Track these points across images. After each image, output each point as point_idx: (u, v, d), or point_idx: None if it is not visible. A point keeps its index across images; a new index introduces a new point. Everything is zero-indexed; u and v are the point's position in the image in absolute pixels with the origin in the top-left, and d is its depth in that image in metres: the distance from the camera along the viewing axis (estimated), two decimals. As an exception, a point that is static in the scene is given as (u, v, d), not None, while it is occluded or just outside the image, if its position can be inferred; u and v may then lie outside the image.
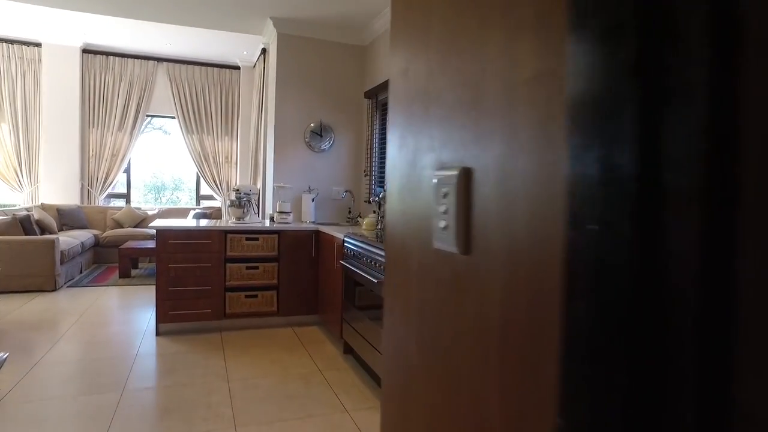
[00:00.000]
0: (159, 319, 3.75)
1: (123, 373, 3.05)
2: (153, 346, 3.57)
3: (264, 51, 7.35)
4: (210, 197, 8.64)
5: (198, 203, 8.77)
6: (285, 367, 3.26)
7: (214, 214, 7.71)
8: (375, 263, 2.84)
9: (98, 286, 5.47)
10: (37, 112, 7.48)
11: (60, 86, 7.49)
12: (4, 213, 5.65)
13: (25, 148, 7.43)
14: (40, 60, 7.46)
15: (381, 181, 4.60)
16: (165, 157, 12.32)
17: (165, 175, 12.94)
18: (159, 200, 12.66)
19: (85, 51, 7.66)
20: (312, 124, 4.69)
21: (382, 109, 4.63)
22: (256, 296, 3.99)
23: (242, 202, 4.09)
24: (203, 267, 3.80)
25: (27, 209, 6.39)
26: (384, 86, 4.37)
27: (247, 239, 3.92)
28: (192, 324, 3.91)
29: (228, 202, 4.36)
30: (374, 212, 4.11)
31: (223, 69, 8.33)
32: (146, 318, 4.27)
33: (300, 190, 4.61)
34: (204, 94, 8.25)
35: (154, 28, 6.80)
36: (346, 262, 3.34)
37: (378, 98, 4.63)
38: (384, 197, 3.89)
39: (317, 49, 4.72)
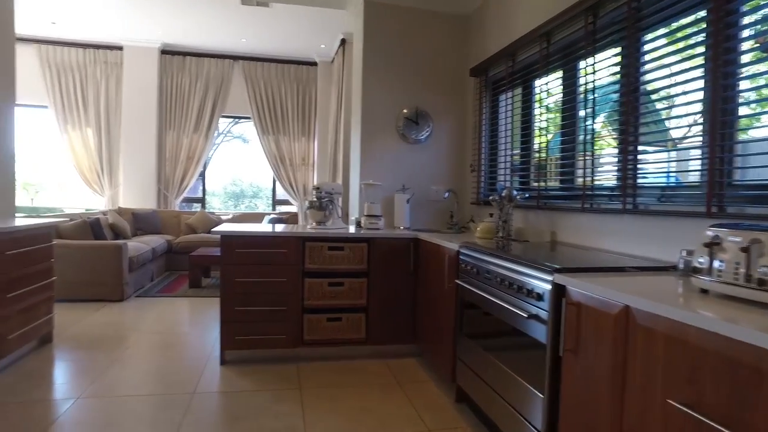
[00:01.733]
0: (224, 345, 3.07)
1: (174, 419, 2.36)
2: (215, 379, 2.88)
3: (343, 42, 6.71)
4: (286, 202, 8.13)
5: (274, 208, 8.28)
6: (381, 420, 2.43)
7: (290, 219, 7.13)
8: (518, 287, 1.94)
9: (167, 296, 4.98)
10: (118, 116, 7.32)
11: (139, 88, 7.29)
12: (79, 216, 5.34)
13: (106, 152, 7.27)
14: (121, 63, 7.31)
15: (492, 178, 3.68)
16: (244, 164, 12.16)
17: (244, 183, 12.81)
18: (238, 208, 12.52)
19: (163, 52, 7.42)
20: (405, 111, 3.88)
21: (493, 88, 3.73)
22: (339, 319, 3.21)
23: (324, 203, 3.35)
24: (277, 282, 3.08)
25: (103, 212, 6.11)
26: (496, 59, 3.48)
27: (330, 248, 3.16)
28: (263, 352, 3.20)
29: (306, 204, 3.64)
30: (491, 215, 3.20)
31: (300, 66, 7.80)
32: (211, 340, 3.63)
33: (391, 189, 3.80)
34: (280, 93, 7.76)
35: (230, 24, 6.39)
36: (463, 281, 2.47)
37: (488, 75, 3.73)
38: (509, 195, 2.97)
39: (411, 20, 3.91)
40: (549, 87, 2.91)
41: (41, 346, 3.33)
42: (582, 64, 2.58)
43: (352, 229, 3.50)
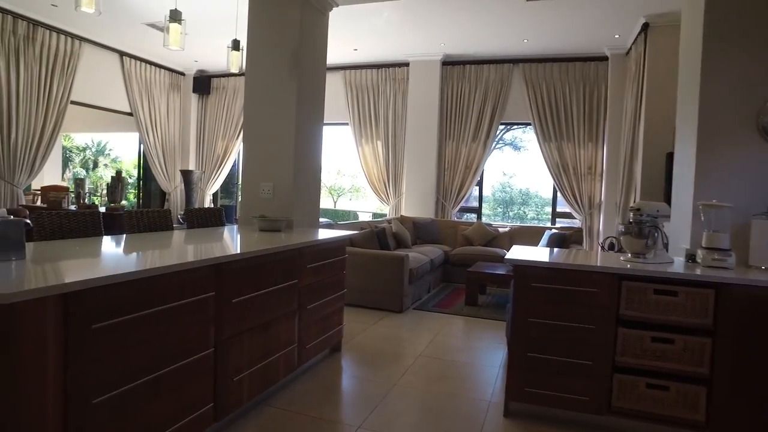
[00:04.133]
0: (509, 394, 2.60)
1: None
2: (501, 435, 2.43)
3: (645, 27, 5.54)
4: (567, 215, 7.29)
5: (553, 222, 7.53)
6: None
7: (574, 236, 6.30)
8: None
9: (443, 312, 4.84)
10: (403, 129, 7.75)
11: (422, 102, 7.56)
12: (368, 225, 5.73)
13: (393, 163, 7.79)
14: (407, 78, 7.72)
15: None
16: (516, 170, 11.71)
17: (513, 190, 12.37)
18: (507, 215, 12.16)
19: (444, 63, 7.53)
20: (770, 100, 2.72)
21: None
22: (665, 388, 2.37)
23: (645, 229, 2.54)
24: (581, 329, 2.44)
25: (388, 221, 6.48)
26: None
27: (657, 292, 2.35)
28: (557, 411, 2.61)
29: (620, 228, 2.88)
30: None
31: (587, 62, 6.87)
32: (492, 378, 3.21)
33: (745, 213, 2.71)
34: (564, 95, 6.98)
35: (511, 26, 5.98)
36: None
37: None
38: None
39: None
40: None
41: (331, 354, 3.48)
42: None
43: (678, 263, 2.59)
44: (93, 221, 2.55)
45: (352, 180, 13.91)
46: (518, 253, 2.77)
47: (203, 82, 8.78)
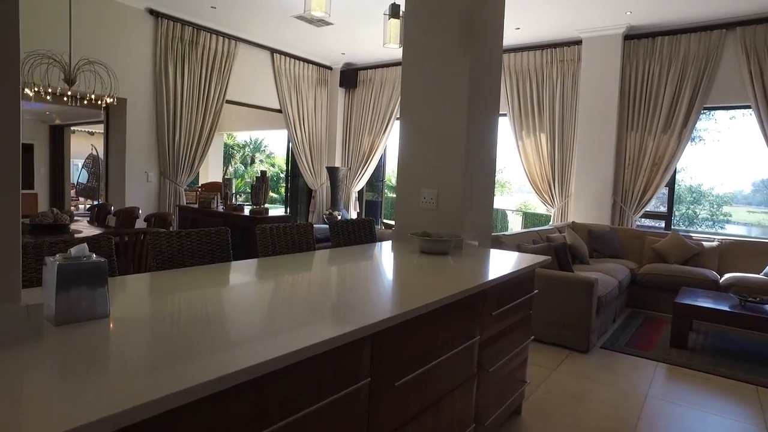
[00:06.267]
0: None
1: None
2: None
3: None
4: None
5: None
6: None
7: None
8: None
9: (640, 356, 3.72)
10: (572, 119, 6.59)
11: (597, 86, 6.31)
12: (539, 237, 4.78)
13: (559, 159, 6.67)
14: (578, 59, 6.52)
15: None
16: (687, 163, 9.81)
17: (681, 186, 10.43)
18: (671, 216, 10.23)
19: (628, 37, 6.18)
20: None
21: None
22: None
23: None
24: None
25: (558, 229, 5.44)
26: None
27: None
28: None
29: None
30: None
31: None
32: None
33: None
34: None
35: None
36: None
37: None
38: None
39: None
40: None
41: (509, 420, 2.66)
42: None
43: None
44: (220, 242, 2.07)
45: (498, 174, 12.91)
46: None
47: (350, 76, 8.49)
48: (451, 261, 2.39)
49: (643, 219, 6.59)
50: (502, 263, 2.43)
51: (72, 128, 10.69)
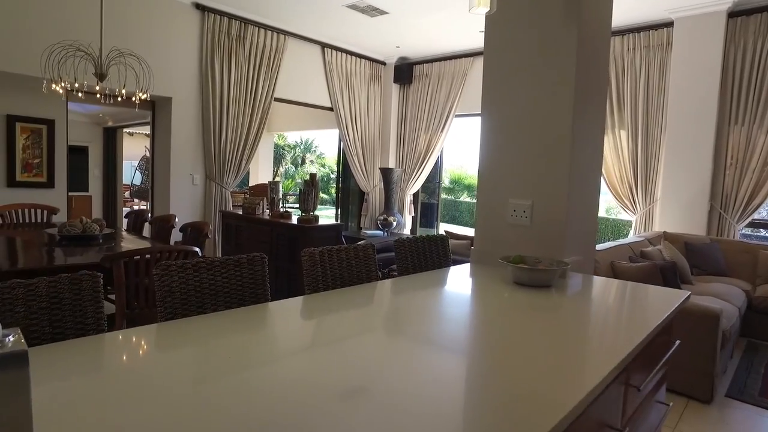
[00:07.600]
0: None
1: None
2: None
3: None
4: None
5: None
6: None
7: None
8: None
9: (780, 408, 2.95)
10: (659, 113, 5.74)
11: (692, 73, 5.44)
12: (630, 249, 4.04)
13: (642, 158, 5.84)
14: (668, 44, 5.67)
15: None
16: None
17: None
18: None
19: (733, 14, 5.27)
20: None
21: None
22: None
23: None
24: None
25: (650, 241, 4.65)
26: None
27: None
28: None
29: None
30: None
31: None
32: None
33: None
34: None
35: None
36: None
37: None
38: None
39: None
40: None
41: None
42: None
43: None
44: (253, 276, 1.54)
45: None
46: None
47: (404, 71, 7.91)
48: (557, 298, 1.78)
49: (746, 228, 5.67)
50: (634, 304, 1.79)
51: (129, 130, 10.69)
